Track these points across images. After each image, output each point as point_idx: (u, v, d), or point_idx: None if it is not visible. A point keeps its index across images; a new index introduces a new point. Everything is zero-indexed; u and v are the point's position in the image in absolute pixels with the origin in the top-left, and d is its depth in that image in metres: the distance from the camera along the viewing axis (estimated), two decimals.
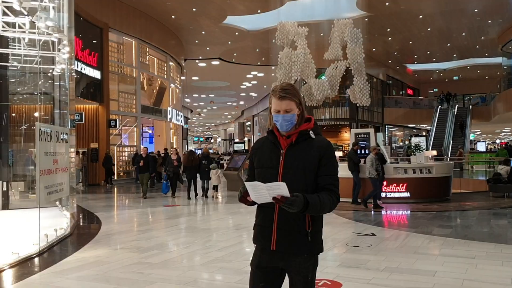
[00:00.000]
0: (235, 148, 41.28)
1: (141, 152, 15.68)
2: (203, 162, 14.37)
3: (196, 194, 14.57)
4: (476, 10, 23.22)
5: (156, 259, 6.31)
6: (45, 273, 5.71)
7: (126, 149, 23.45)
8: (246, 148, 37.93)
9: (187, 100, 44.71)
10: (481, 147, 43.40)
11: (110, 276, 5.48)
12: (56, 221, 8.66)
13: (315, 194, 2.28)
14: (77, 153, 18.76)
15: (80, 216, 10.93)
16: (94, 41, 20.47)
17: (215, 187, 14.94)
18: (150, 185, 16.55)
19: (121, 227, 9.57)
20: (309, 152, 2.37)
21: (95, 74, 20.13)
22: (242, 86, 39.37)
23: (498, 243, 7.27)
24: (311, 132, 2.42)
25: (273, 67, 26.91)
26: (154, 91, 26.67)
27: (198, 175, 14.69)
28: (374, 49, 30.12)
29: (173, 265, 6.04)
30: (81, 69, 18.72)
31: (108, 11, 21.30)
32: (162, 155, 22.92)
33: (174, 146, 27.21)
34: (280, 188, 2.13)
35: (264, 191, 2.16)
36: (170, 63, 27.64)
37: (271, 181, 2.20)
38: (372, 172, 11.55)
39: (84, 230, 9.36)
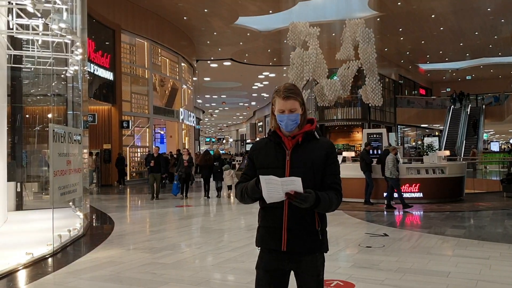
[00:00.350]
0: (247, 149, 41.32)
1: (153, 152, 15.37)
2: (215, 164, 14.88)
3: (208, 197, 14.74)
4: (489, 9, 22.96)
5: (169, 260, 6.34)
6: (58, 273, 5.76)
7: (139, 150, 23.59)
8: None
9: (199, 100, 44.84)
10: (494, 147, 42.95)
11: (123, 277, 5.51)
12: (69, 222, 8.75)
13: (324, 192, 2.32)
14: (90, 154, 18.92)
15: (93, 217, 11.02)
16: (106, 43, 20.63)
17: (229, 187, 15.42)
18: (161, 187, 16.04)
19: (134, 227, 9.63)
20: (317, 151, 2.40)
21: (108, 75, 20.28)
22: (254, 87, 39.40)
23: None
24: (315, 133, 2.45)
25: (284, 68, 26.90)
26: (166, 92, 26.81)
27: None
28: (386, 49, 29.91)
29: (186, 265, 6.06)
30: (94, 70, 18.87)
31: (120, 12, 21.46)
32: (175, 156, 23.02)
33: (186, 147, 27.36)
34: (295, 184, 2.16)
35: (277, 186, 2.18)
36: (182, 64, 27.76)
37: None
38: (394, 173, 11.39)
39: (97, 231, 9.43)
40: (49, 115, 11.93)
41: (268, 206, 2.40)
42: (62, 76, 10.91)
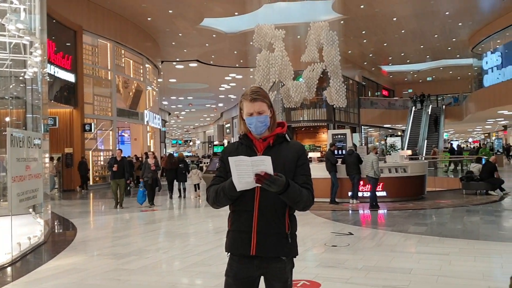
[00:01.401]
0: (215, 151, 41.14)
1: (115, 155, 13.62)
2: (180, 165, 15.27)
3: (171, 197, 15.11)
4: (447, 13, 23.73)
5: (134, 265, 6.23)
6: (18, 282, 5.57)
7: (102, 154, 23.12)
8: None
9: (165, 102, 44.34)
10: (454, 145, 44.20)
11: (87, 284, 5.38)
12: (29, 229, 8.48)
13: (296, 184, 2.31)
14: (51, 158, 18.41)
15: (55, 223, 10.72)
16: (67, 44, 20.13)
17: (197, 186, 16.05)
18: (126, 194, 14.20)
19: (98, 233, 9.42)
20: (288, 154, 2.40)
21: (69, 77, 19.80)
22: (220, 88, 39.28)
23: (470, 240, 7.42)
24: (286, 135, 2.46)
25: (251, 69, 26.93)
26: (130, 93, 26.36)
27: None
28: (349, 51, 30.45)
29: (151, 270, 5.97)
30: (54, 72, 18.37)
31: (82, 13, 20.97)
32: (140, 158, 22.65)
33: (152, 150, 26.99)
34: (265, 164, 2.15)
35: (248, 168, 2.16)
36: (147, 65, 27.37)
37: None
38: (378, 172, 11.54)
39: (59, 237, 9.18)
40: (7, 119, 11.50)
41: (238, 210, 2.39)
42: (21, 78, 10.55)
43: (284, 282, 2.39)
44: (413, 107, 34.73)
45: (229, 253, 2.47)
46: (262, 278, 2.45)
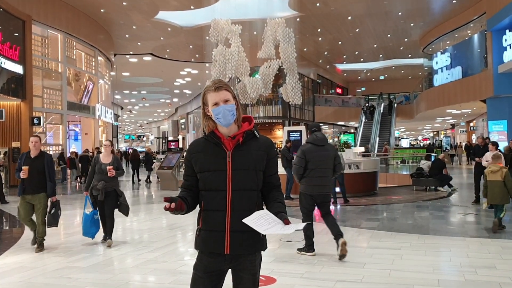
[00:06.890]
0: (169, 147, 40.54)
1: (32, 144, 6.89)
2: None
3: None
4: (400, 13, 24.44)
5: (85, 263, 6.05)
6: None
7: (51, 148, 22.30)
8: (181, 146, 37.30)
9: (117, 96, 43.30)
10: (404, 143, 45.87)
11: (35, 283, 5.17)
12: None
13: (278, 201, 2.41)
14: None
15: (1, 220, 10.25)
16: (15, 34, 19.25)
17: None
18: (51, 223, 7.22)
19: (47, 230, 9.05)
20: (258, 151, 2.38)
21: (17, 68, 18.94)
22: (175, 83, 38.74)
23: (421, 234, 7.68)
24: (255, 131, 2.43)
25: (207, 65, 26.72)
26: (82, 87, 25.55)
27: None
28: (305, 49, 30.80)
29: (103, 268, 5.82)
30: (1, 63, 17.56)
31: (31, 2, 20.09)
32: (91, 154, 22.00)
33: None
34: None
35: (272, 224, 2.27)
36: (99, 58, 26.60)
37: (218, 183, 2.30)
38: (344, 168, 11.71)
39: (5, 235, 8.79)
40: None
41: (210, 209, 2.35)
42: None
43: (254, 275, 2.42)
44: (363, 117, 35.54)
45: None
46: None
